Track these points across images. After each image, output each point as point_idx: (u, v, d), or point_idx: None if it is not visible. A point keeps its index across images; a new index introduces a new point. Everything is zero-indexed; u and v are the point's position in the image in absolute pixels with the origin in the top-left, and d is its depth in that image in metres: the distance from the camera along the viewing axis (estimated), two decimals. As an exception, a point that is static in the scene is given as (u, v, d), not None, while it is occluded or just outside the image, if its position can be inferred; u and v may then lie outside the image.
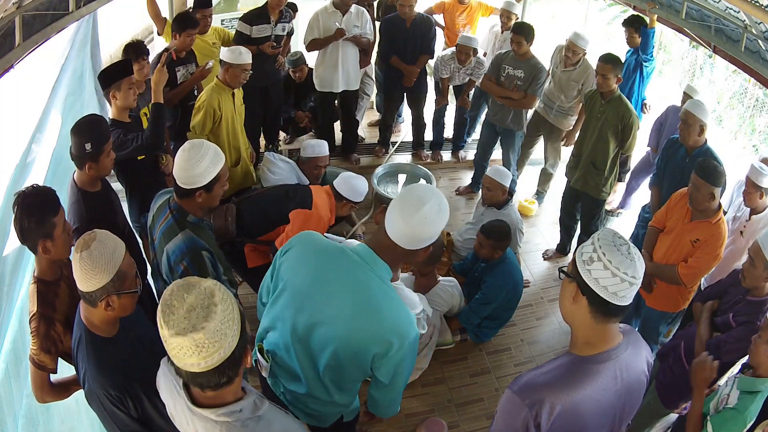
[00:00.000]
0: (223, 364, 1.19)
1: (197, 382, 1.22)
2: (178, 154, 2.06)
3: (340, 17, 4.48)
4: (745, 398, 2.03)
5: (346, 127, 5.11)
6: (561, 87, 4.39)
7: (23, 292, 2.23)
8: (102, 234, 1.65)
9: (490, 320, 3.51)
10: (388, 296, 1.62)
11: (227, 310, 1.19)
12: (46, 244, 1.92)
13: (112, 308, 1.66)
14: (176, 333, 1.14)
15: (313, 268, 1.66)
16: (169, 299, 1.18)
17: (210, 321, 1.16)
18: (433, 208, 1.55)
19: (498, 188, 3.69)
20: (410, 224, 1.54)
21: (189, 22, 3.76)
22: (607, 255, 1.34)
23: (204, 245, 2.12)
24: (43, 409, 2.18)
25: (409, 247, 1.60)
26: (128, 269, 1.68)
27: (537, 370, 1.46)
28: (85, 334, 1.71)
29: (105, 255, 1.61)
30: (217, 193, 2.15)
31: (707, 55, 6.68)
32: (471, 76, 4.90)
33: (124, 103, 2.82)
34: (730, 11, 3.49)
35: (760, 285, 2.42)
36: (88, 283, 1.60)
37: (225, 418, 1.26)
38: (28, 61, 2.67)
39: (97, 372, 1.68)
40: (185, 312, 1.16)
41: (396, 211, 1.56)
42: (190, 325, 1.15)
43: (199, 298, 1.17)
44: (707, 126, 3.27)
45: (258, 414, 1.30)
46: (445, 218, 1.59)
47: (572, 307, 1.43)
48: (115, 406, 1.69)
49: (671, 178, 3.49)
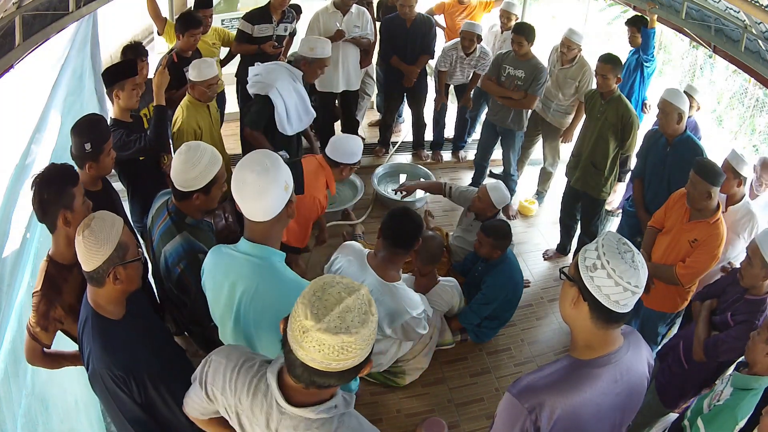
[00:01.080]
0: (351, 369, 1.18)
1: (310, 379, 1.18)
2: (174, 157, 2.06)
3: (341, 17, 4.48)
4: (737, 395, 2.03)
5: (347, 127, 5.11)
6: (558, 85, 4.39)
7: (22, 293, 2.23)
8: (99, 213, 1.71)
9: (490, 320, 3.51)
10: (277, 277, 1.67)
11: (375, 322, 1.19)
12: (66, 216, 1.96)
13: (120, 281, 1.68)
14: (326, 329, 1.11)
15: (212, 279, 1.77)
16: (322, 294, 1.16)
17: (364, 328, 1.14)
18: (260, 175, 1.57)
19: (488, 204, 3.61)
20: (252, 198, 1.59)
21: (192, 23, 3.74)
22: (612, 263, 1.32)
23: (202, 248, 2.11)
24: (42, 409, 2.19)
25: (271, 216, 1.63)
26: (129, 240, 1.73)
27: (537, 373, 1.45)
28: (91, 315, 1.73)
29: (105, 229, 1.66)
30: (215, 195, 2.15)
31: (707, 55, 6.68)
32: (476, 69, 4.86)
33: (127, 104, 2.82)
34: (730, 11, 3.49)
35: (758, 284, 2.43)
36: (93, 259, 1.64)
37: (324, 415, 1.25)
38: (28, 61, 2.67)
39: (102, 351, 1.69)
40: (341, 311, 1.13)
41: (237, 195, 1.61)
42: (344, 326, 1.12)
43: (357, 303, 1.16)
44: (685, 114, 3.25)
45: (349, 408, 1.32)
46: (279, 173, 1.61)
47: (573, 311, 1.42)
48: (118, 387, 1.70)
49: (653, 168, 3.49)
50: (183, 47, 3.77)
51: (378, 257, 2.68)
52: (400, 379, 3.20)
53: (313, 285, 1.19)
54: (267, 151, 1.68)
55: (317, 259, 4.04)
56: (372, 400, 3.12)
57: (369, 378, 3.15)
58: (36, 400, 2.19)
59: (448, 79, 5.03)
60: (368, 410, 3.07)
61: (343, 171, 3.29)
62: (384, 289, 2.67)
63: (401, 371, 3.19)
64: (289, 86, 3.59)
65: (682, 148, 3.28)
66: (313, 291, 1.17)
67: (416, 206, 4.78)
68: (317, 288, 1.18)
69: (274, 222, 1.65)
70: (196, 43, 3.84)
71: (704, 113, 6.98)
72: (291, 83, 3.62)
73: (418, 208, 4.76)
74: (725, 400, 2.05)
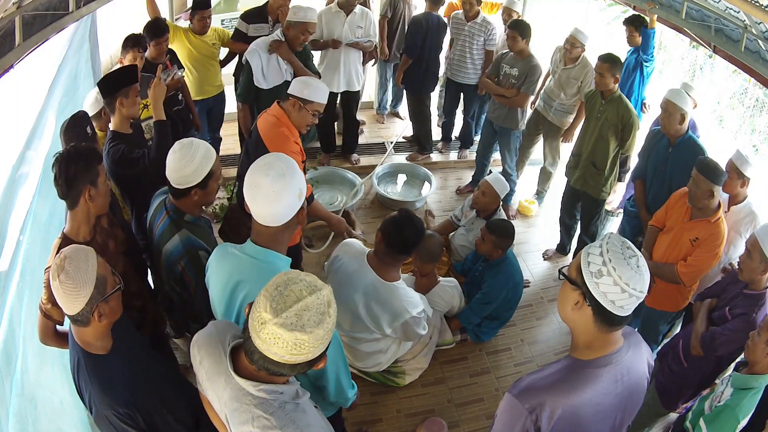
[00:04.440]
0: (302, 364, 1.21)
1: (264, 365, 1.21)
2: (168, 157, 2.05)
3: (344, 17, 4.47)
4: (738, 394, 2.03)
5: (346, 127, 5.11)
6: (561, 85, 4.40)
7: (12, 294, 2.23)
8: (68, 251, 1.63)
9: (490, 320, 3.51)
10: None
11: (332, 323, 1.20)
12: (90, 192, 1.99)
13: (105, 316, 1.65)
14: (281, 324, 1.14)
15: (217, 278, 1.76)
16: (284, 289, 1.18)
17: (319, 328, 1.16)
18: (274, 180, 1.56)
19: (493, 196, 3.67)
20: (264, 203, 1.57)
21: (157, 31, 3.66)
22: (618, 270, 1.32)
23: (202, 245, 2.12)
24: (31, 409, 2.20)
25: (281, 223, 1.62)
26: (104, 272, 1.67)
27: (537, 374, 1.45)
28: (82, 356, 1.71)
29: (81, 269, 1.60)
30: (213, 188, 2.15)
31: (707, 55, 6.67)
32: (486, 45, 4.80)
33: (130, 112, 2.68)
34: (730, 11, 3.48)
35: (756, 278, 2.44)
36: (76, 302, 1.59)
37: (264, 395, 1.26)
38: (28, 62, 2.66)
39: (101, 393, 1.67)
40: (299, 309, 1.15)
41: (249, 198, 1.60)
42: (300, 323, 1.14)
43: (316, 302, 1.17)
44: (688, 114, 3.26)
45: (297, 401, 1.31)
46: (294, 180, 1.59)
47: (575, 314, 1.41)
48: (125, 423, 1.69)
49: (655, 168, 3.49)
50: (153, 55, 3.69)
51: (378, 257, 2.68)
52: (400, 379, 3.19)
53: (276, 279, 1.21)
54: (283, 155, 1.66)
55: (317, 258, 4.05)
56: (372, 400, 3.12)
57: (369, 378, 3.15)
58: (26, 400, 2.19)
59: (454, 77, 5.02)
60: (368, 410, 3.06)
61: (307, 113, 2.78)
62: (384, 288, 2.67)
63: (401, 371, 3.19)
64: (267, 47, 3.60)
65: (684, 149, 3.29)
66: (275, 285, 1.19)
67: (416, 206, 4.78)
68: (280, 282, 1.19)
69: (283, 228, 1.65)
70: (165, 50, 3.78)
71: (704, 113, 6.98)
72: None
73: (418, 209, 4.76)
74: (726, 400, 2.05)
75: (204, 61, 4.30)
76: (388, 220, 2.64)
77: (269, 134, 2.78)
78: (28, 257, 2.39)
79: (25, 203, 2.51)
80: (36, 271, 2.36)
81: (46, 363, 2.41)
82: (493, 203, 3.70)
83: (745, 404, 2.00)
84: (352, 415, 2.91)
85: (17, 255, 2.34)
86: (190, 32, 4.20)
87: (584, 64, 4.28)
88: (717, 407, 2.07)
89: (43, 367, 2.40)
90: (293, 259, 1.81)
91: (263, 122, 2.85)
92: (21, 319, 2.28)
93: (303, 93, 2.75)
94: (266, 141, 2.77)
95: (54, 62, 3.23)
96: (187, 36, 4.18)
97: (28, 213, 2.49)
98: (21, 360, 2.22)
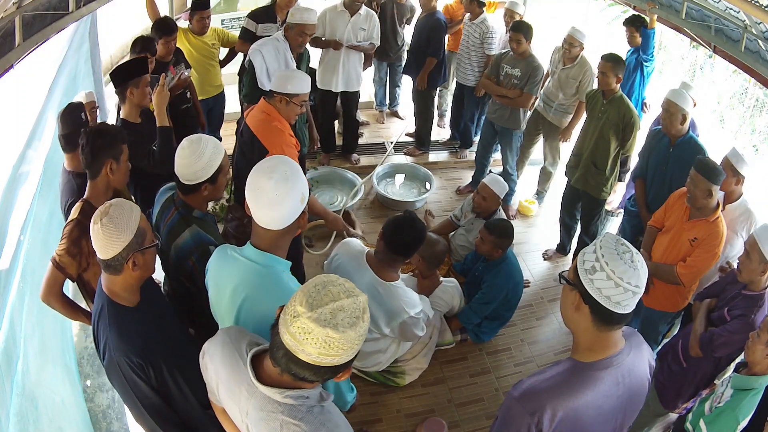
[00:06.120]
0: (329, 368, 1.20)
1: (287, 366, 1.20)
2: (177, 153, 2.06)
3: (348, 18, 4.47)
4: (738, 395, 2.03)
5: (346, 127, 5.11)
6: (560, 84, 4.40)
7: (13, 294, 2.24)
8: (116, 200, 1.71)
9: (490, 320, 3.51)
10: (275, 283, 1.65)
11: (364, 329, 1.20)
12: (111, 165, 2.17)
13: (138, 267, 1.69)
14: (315, 319, 1.14)
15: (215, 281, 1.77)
16: (322, 288, 1.18)
17: (352, 330, 1.16)
18: (278, 183, 1.54)
19: (494, 199, 3.67)
20: (266, 206, 1.56)
21: (165, 29, 3.67)
22: (610, 264, 1.32)
23: (211, 240, 2.12)
24: (32, 409, 2.20)
25: (282, 227, 1.61)
26: (146, 226, 1.74)
27: (538, 376, 1.45)
28: (107, 303, 1.73)
29: (124, 216, 1.66)
30: (222, 183, 2.16)
31: (707, 55, 6.68)
32: (485, 49, 4.79)
33: (141, 101, 2.80)
34: (730, 11, 3.49)
35: (755, 279, 2.44)
36: (113, 246, 1.64)
37: (291, 401, 1.25)
38: (28, 62, 2.67)
39: (119, 339, 1.69)
40: (334, 308, 1.16)
41: (251, 201, 1.59)
42: (333, 321, 1.15)
43: (352, 306, 1.18)
44: (689, 115, 3.26)
45: (323, 404, 1.30)
46: (297, 184, 1.58)
47: (575, 315, 1.42)
48: (136, 374, 1.70)
49: (655, 168, 3.49)
50: (161, 54, 3.70)
51: (377, 258, 2.68)
52: (400, 379, 3.20)
53: (316, 279, 1.21)
54: (286, 158, 1.65)
55: (317, 258, 4.05)
56: (372, 400, 3.12)
57: (369, 378, 3.15)
58: (26, 400, 2.20)
59: (458, 77, 5.03)
60: (368, 410, 3.06)
61: (293, 107, 2.86)
62: (382, 288, 2.67)
63: (401, 371, 3.19)
64: (272, 49, 3.61)
65: (685, 149, 3.29)
66: (314, 284, 1.20)
67: (416, 206, 4.78)
68: (319, 282, 1.20)
69: (284, 232, 1.64)
70: (173, 48, 3.79)
71: (704, 113, 6.98)
72: (275, 44, 3.63)
73: (418, 209, 4.76)
74: (726, 401, 2.05)
75: (204, 62, 4.30)
76: (391, 220, 2.64)
77: (263, 130, 2.85)
78: (29, 257, 2.40)
79: (26, 203, 2.51)
80: (36, 271, 2.36)
81: (48, 362, 2.42)
82: (493, 204, 3.70)
83: (745, 405, 2.00)
84: (352, 416, 2.90)
85: (18, 255, 2.34)
86: (190, 33, 4.20)
87: (583, 63, 4.28)
88: (717, 408, 2.07)
89: (44, 366, 2.41)
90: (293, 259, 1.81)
91: (253, 119, 2.91)
92: (22, 319, 2.29)
93: (287, 88, 2.84)
94: (261, 137, 2.82)
95: (54, 62, 3.24)
96: (186, 36, 4.18)
97: (29, 213, 2.50)
98: (22, 360, 2.23)
